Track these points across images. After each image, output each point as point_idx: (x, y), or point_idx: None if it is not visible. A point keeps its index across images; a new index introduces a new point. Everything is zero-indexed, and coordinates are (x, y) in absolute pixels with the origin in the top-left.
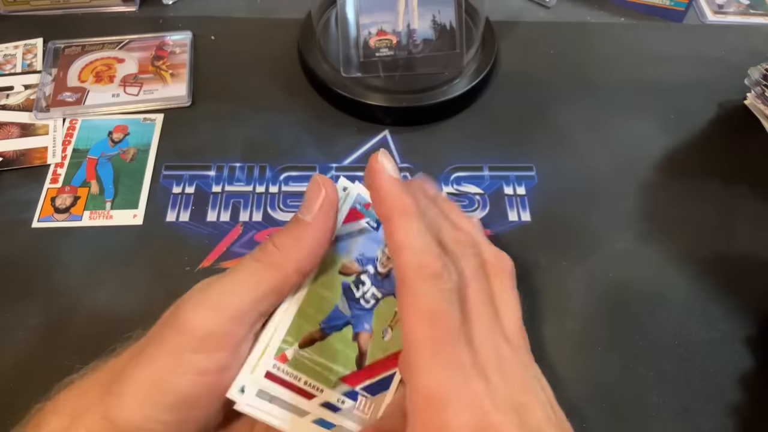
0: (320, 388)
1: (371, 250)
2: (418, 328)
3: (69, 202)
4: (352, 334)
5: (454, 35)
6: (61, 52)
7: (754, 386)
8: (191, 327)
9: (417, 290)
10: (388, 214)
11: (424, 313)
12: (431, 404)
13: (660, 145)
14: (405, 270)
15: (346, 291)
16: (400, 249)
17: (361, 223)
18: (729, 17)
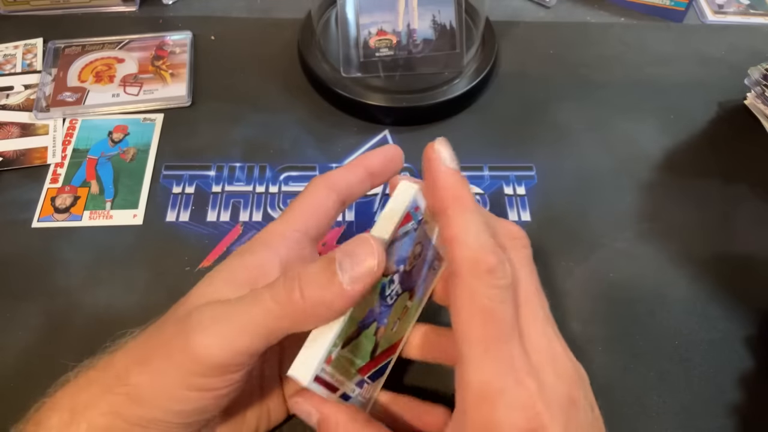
0: (343, 381)
1: (407, 249)
2: (471, 325)
3: (69, 202)
4: (375, 329)
5: (454, 35)
6: (61, 52)
7: (754, 386)
8: (201, 355)
9: (471, 286)
10: (442, 206)
11: (478, 309)
12: (482, 401)
13: (660, 145)
14: (460, 265)
15: (382, 290)
16: (455, 242)
17: (408, 226)
18: (729, 17)
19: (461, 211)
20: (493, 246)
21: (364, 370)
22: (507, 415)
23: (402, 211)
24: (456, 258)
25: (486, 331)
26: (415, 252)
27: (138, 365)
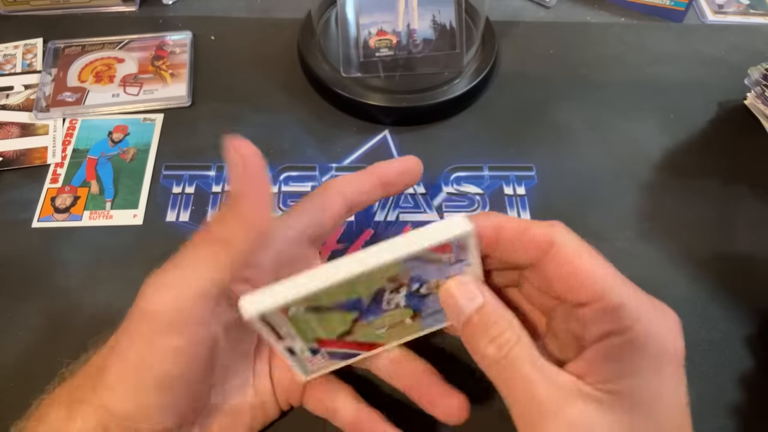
0: (295, 337)
1: (430, 275)
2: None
3: (69, 202)
4: (354, 318)
5: (454, 35)
6: (61, 52)
7: (755, 386)
8: (156, 312)
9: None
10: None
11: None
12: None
13: (660, 145)
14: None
15: (378, 293)
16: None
17: (444, 256)
18: (729, 17)
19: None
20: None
21: (325, 344)
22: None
23: (442, 238)
24: (537, 398)
25: None
26: (439, 284)
27: (111, 352)
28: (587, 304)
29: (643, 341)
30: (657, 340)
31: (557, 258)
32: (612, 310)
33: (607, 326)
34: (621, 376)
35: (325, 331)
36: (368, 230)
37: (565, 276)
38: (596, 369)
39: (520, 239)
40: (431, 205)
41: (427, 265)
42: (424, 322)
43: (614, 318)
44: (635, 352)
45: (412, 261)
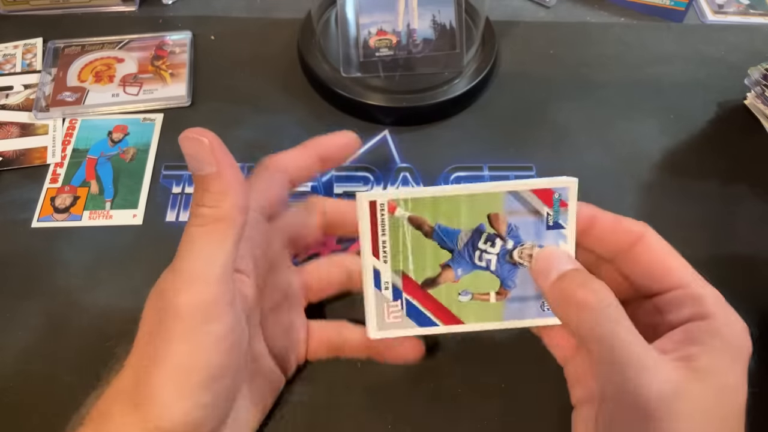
0: (387, 257)
1: (527, 234)
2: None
3: (69, 201)
4: (444, 263)
5: (454, 35)
6: (61, 52)
7: (754, 386)
8: (188, 307)
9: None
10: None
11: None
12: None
13: (659, 145)
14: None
15: (477, 233)
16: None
17: (544, 209)
18: (729, 17)
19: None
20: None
21: (409, 288)
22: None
23: (546, 183)
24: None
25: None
26: (532, 254)
27: (145, 365)
28: (671, 290)
29: (723, 330)
30: (734, 333)
31: (649, 248)
32: (695, 297)
33: (689, 311)
34: (703, 356)
35: (415, 265)
36: None
37: (655, 263)
38: (680, 347)
39: (615, 229)
40: None
41: (527, 217)
42: (508, 307)
43: (697, 304)
44: (716, 338)
45: (514, 199)
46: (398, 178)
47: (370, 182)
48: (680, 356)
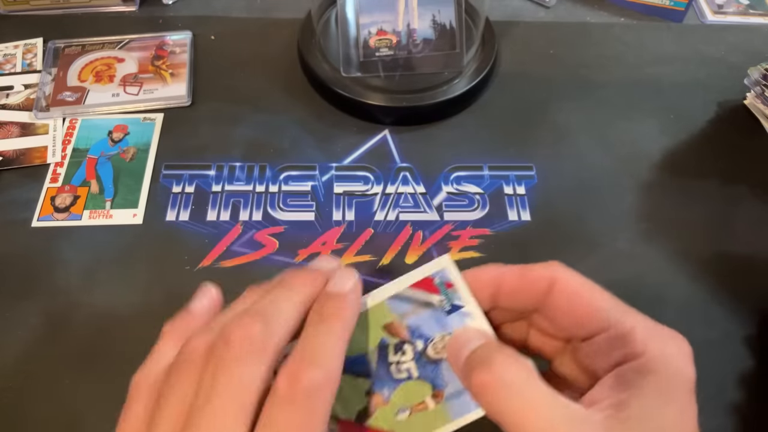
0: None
1: (430, 329)
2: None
3: (69, 201)
4: (367, 389)
5: (454, 35)
6: (61, 52)
7: (754, 386)
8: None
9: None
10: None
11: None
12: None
13: (659, 145)
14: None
15: (382, 348)
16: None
17: (433, 298)
18: (729, 17)
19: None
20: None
21: (347, 429)
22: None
23: (420, 273)
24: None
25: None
26: (446, 344)
27: None
28: (597, 333)
29: (655, 365)
30: (669, 364)
31: (563, 293)
32: (623, 336)
33: (619, 353)
34: (633, 400)
35: (341, 405)
36: (368, 230)
37: (574, 308)
38: (611, 394)
39: (523, 282)
40: (431, 204)
41: (422, 312)
42: (450, 406)
43: (626, 344)
44: (648, 378)
45: (399, 302)
46: (398, 178)
47: (370, 182)
48: (610, 404)
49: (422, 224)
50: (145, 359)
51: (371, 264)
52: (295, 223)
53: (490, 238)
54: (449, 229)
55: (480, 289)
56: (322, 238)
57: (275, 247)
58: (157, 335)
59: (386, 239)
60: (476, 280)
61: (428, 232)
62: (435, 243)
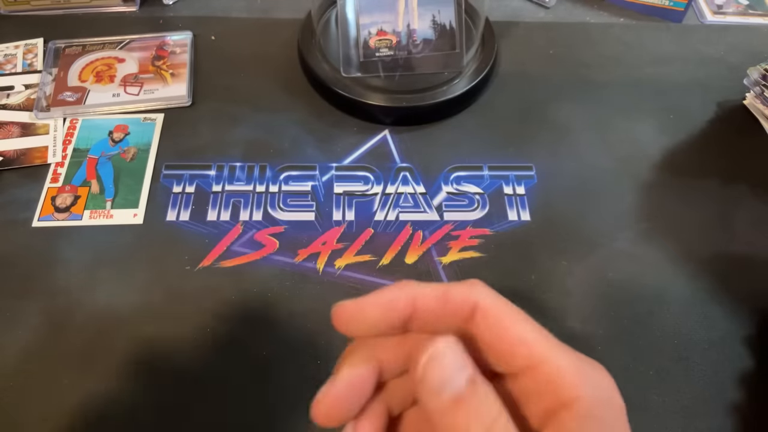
0: None
1: None
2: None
3: (69, 201)
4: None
5: (453, 35)
6: (62, 52)
7: (754, 385)
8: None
9: None
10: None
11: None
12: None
13: (659, 145)
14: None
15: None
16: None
17: None
18: (728, 17)
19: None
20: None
21: None
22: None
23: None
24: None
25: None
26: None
27: None
28: (521, 371)
29: (592, 410)
30: (604, 403)
31: (483, 323)
32: (552, 381)
33: (551, 399)
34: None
35: None
36: (368, 230)
37: (495, 339)
38: None
39: (441, 306)
40: (431, 204)
41: None
42: None
43: (556, 388)
44: (589, 422)
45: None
46: (398, 177)
47: (370, 182)
48: None
49: (422, 224)
50: None
51: (371, 264)
52: (295, 223)
53: (490, 238)
54: (449, 229)
55: (391, 311)
56: (322, 238)
57: (275, 247)
58: (157, 335)
59: (386, 239)
60: (387, 305)
61: (428, 232)
62: (435, 243)
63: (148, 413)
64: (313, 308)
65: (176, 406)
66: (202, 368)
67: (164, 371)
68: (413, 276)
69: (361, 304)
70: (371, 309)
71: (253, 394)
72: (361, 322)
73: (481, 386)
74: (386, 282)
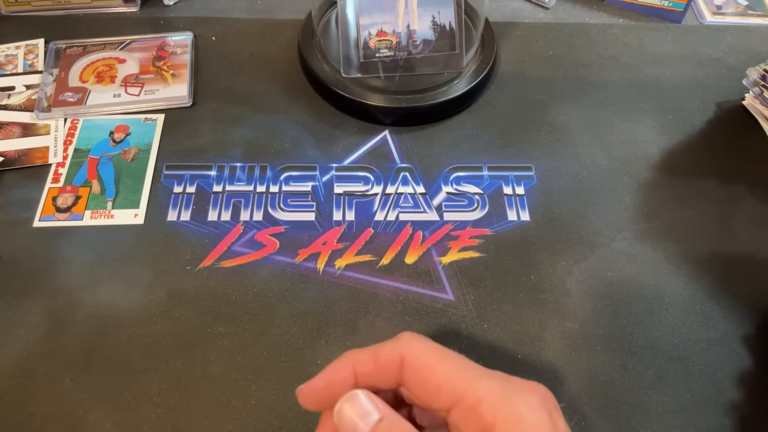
0: None
1: None
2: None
3: (70, 201)
4: None
5: (453, 36)
6: (63, 53)
7: (753, 385)
8: None
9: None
10: None
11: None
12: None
13: (658, 146)
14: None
15: None
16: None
17: None
18: (727, 18)
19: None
20: None
21: None
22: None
23: None
24: None
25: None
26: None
27: None
28: (451, 407)
29: (508, 430)
30: (520, 422)
31: (410, 370)
32: (474, 408)
33: (476, 426)
34: None
35: None
36: (368, 230)
37: (422, 385)
38: None
39: (376, 367)
40: (431, 204)
41: None
42: None
43: (478, 416)
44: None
45: None
46: (398, 178)
47: (370, 182)
48: None
49: (422, 224)
50: None
51: (371, 264)
52: (295, 223)
53: (490, 238)
54: (449, 229)
55: (337, 383)
56: (323, 238)
57: (276, 247)
58: (157, 335)
59: (386, 239)
60: (332, 377)
61: (428, 232)
62: (435, 243)
63: (149, 413)
64: (313, 308)
65: (176, 405)
66: (203, 368)
67: (164, 371)
68: (413, 275)
69: (314, 384)
70: (321, 386)
71: (254, 394)
72: (320, 400)
73: (391, 419)
74: (386, 282)
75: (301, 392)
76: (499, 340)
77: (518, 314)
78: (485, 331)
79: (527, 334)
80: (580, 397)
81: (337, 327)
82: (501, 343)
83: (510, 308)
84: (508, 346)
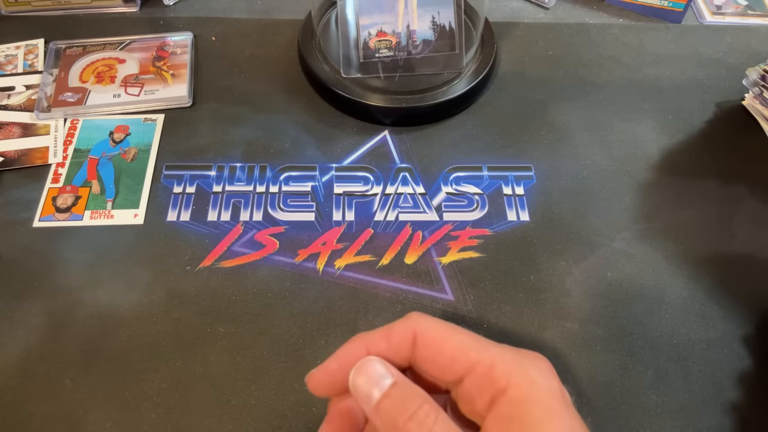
0: None
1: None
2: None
3: (70, 201)
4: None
5: (453, 36)
6: (63, 53)
7: (752, 385)
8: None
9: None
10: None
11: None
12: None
13: (658, 146)
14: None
15: None
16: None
17: None
18: (727, 18)
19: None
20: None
21: None
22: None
23: None
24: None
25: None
26: None
27: None
28: (465, 377)
29: (522, 393)
30: (534, 386)
31: (423, 344)
32: (487, 375)
33: (489, 392)
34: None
35: None
36: (368, 230)
37: (436, 355)
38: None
39: (388, 346)
40: (431, 205)
41: None
42: None
43: (491, 381)
44: (521, 405)
45: None
46: (398, 178)
47: (370, 182)
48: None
49: (422, 224)
50: None
51: (371, 264)
52: (295, 223)
53: (490, 238)
54: (449, 230)
55: (351, 365)
56: (322, 238)
57: (276, 247)
58: (157, 335)
59: (386, 239)
60: (345, 360)
61: (428, 233)
62: (434, 243)
63: (149, 413)
64: (312, 308)
65: (176, 405)
66: (202, 368)
67: (164, 371)
68: (413, 276)
69: (327, 367)
70: (334, 368)
71: (253, 394)
72: (332, 384)
73: (403, 384)
74: (386, 282)
75: (311, 377)
76: (498, 340)
77: (518, 314)
78: (485, 331)
79: (527, 334)
80: (579, 397)
81: (337, 327)
82: (500, 343)
83: (510, 308)
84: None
